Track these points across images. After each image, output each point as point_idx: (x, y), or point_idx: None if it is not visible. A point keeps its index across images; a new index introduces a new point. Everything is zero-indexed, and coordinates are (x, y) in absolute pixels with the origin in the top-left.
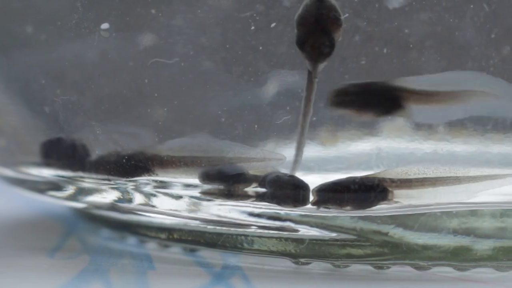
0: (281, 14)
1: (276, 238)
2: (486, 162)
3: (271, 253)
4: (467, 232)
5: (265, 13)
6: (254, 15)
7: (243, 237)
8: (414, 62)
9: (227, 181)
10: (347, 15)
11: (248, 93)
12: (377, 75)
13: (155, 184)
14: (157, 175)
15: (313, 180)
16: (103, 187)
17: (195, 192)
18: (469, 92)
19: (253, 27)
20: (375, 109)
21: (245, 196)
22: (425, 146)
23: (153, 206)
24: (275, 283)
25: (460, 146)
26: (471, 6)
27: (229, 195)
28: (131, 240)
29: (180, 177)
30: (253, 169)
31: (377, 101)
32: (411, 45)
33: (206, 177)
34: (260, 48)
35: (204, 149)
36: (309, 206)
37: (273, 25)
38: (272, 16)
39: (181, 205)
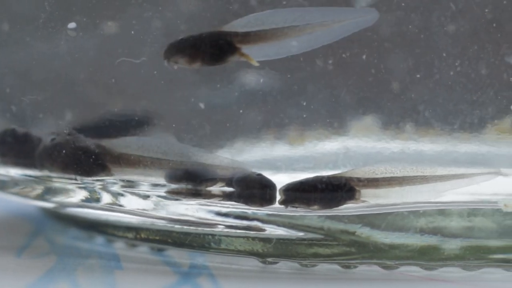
0: (249, 12)
1: (243, 237)
2: (453, 162)
3: (238, 252)
4: (434, 232)
5: (232, 12)
6: (221, 14)
7: (210, 237)
8: (382, 61)
9: (194, 181)
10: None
11: (216, 93)
12: (346, 75)
13: (122, 183)
14: (113, 174)
15: (281, 179)
16: (70, 186)
17: (163, 192)
18: (294, 28)
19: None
20: (207, 57)
21: (212, 196)
22: (392, 145)
23: (120, 206)
24: (242, 282)
25: (427, 146)
26: (438, 5)
27: (196, 194)
28: (99, 239)
29: (138, 177)
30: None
31: (209, 48)
32: (377, 44)
33: (173, 177)
34: None
35: (164, 151)
36: (276, 205)
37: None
38: (239, 15)
39: (148, 205)
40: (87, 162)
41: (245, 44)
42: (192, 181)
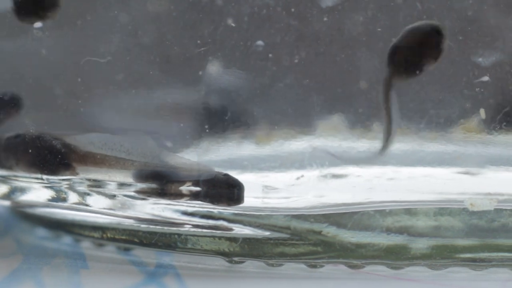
0: (215, 12)
1: (210, 237)
2: (419, 161)
3: (204, 251)
4: (401, 231)
5: (199, 12)
6: (188, 14)
7: (176, 236)
8: (349, 60)
9: (161, 180)
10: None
11: (181, 92)
12: (312, 74)
13: (89, 183)
14: (78, 173)
15: (247, 178)
16: (37, 186)
17: (129, 191)
18: None
19: (187, 27)
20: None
21: (179, 195)
22: (358, 144)
23: (87, 205)
24: (209, 281)
25: (394, 145)
26: (404, 5)
27: (162, 194)
28: (66, 239)
29: (105, 177)
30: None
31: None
32: (344, 44)
33: (140, 176)
34: (194, 47)
35: (127, 149)
36: (243, 204)
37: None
38: (205, 15)
39: (115, 204)
40: (52, 160)
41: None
42: (159, 180)
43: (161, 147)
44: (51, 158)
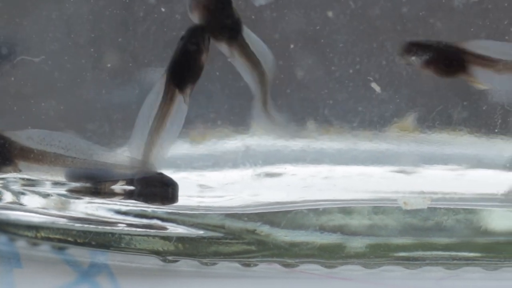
0: (146, 11)
1: (144, 235)
2: (352, 159)
3: (138, 250)
4: (335, 230)
5: (132, 11)
6: (121, 13)
7: (110, 235)
8: (282, 59)
9: (94, 179)
10: None
11: (115, 92)
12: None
13: (23, 182)
14: (20, 170)
15: (181, 177)
16: None
17: (63, 190)
18: None
19: (120, 26)
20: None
21: (113, 194)
22: (292, 143)
23: (21, 204)
24: (142, 280)
25: (327, 144)
26: (337, 3)
27: (96, 193)
28: (1, 238)
29: (45, 175)
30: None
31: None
32: (277, 43)
33: (73, 175)
34: (127, 46)
35: (65, 145)
36: (177, 203)
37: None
38: (138, 14)
39: (49, 203)
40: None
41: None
42: (92, 179)
43: (96, 144)
44: None
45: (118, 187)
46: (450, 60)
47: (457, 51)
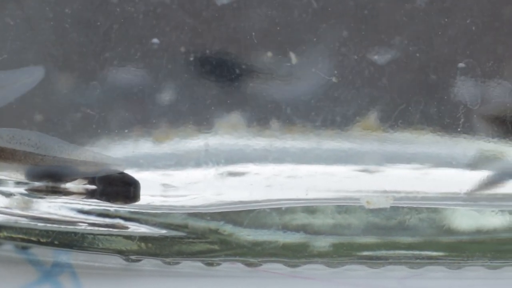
0: (109, 10)
1: (106, 235)
2: (315, 158)
3: (101, 250)
4: (298, 229)
5: (93, 9)
6: (83, 12)
7: (73, 235)
8: (245, 58)
9: (55, 178)
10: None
11: (79, 90)
12: (210, 73)
13: None
14: None
15: (143, 176)
16: None
17: (26, 189)
18: None
19: (82, 25)
20: None
21: (75, 193)
22: (254, 142)
23: None
24: (104, 280)
25: (290, 143)
26: (299, 2)
27: (57, 192)
28: None
29: (15, 174)
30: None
31: None
32: (240, 42)
33: (33, 174)
34: (90, 45)
35: (34, 143)
36: (139, 202)
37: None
38: (100, 13)
39: (12, 203)
40: None
41: None
42: (53, 178)
43: (64, 141)
44: None
45: (80, 186)
46: None
47: None
